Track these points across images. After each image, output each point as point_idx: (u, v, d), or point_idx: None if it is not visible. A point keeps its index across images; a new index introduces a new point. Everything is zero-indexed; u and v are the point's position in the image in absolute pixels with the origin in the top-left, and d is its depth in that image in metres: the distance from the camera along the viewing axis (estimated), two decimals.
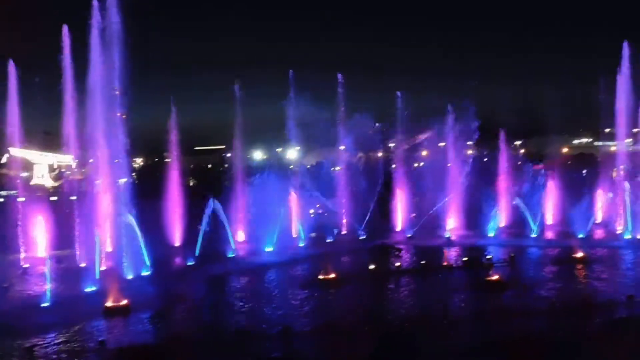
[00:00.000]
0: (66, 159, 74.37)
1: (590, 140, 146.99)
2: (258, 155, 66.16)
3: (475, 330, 31.26)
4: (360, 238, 61.64)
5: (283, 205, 58.79)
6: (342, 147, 71.85)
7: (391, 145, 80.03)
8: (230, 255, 52.70)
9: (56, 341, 31.33)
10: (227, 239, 53.87)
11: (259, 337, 31.03)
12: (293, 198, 61.33)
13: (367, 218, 63.77)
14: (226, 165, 60.70)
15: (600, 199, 64.07)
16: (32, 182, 72.47)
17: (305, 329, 32.59)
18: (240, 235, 59.44)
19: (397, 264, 48.99)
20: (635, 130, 67.76)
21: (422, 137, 77.63)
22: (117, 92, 50.66)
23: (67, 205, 53.38)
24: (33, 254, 49.88)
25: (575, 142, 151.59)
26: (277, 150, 61.51)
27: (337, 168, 69.70)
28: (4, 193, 63.33)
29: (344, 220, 65.50)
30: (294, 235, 60.59)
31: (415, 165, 79.34)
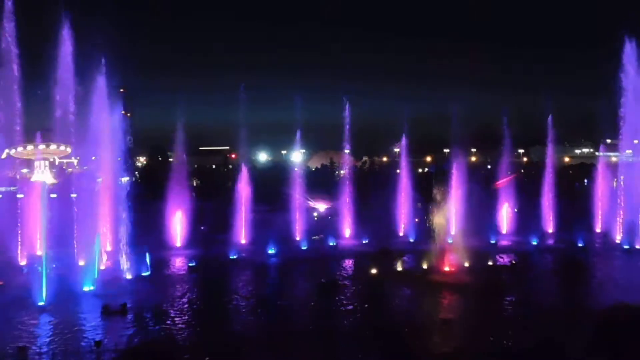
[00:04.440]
0: (65, 152, 73.96)
1: (592, 150, 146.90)
2: (262, 157, 65.46)
3: None
4: (364, 242, 60.85)
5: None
6: (346, 151, 71.32)
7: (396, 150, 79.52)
8: (233, 257, 51.80)
9: (50, 341, 30.47)
10: (230, 240, 53.06)
11: None
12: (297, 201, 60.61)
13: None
14: (230, 166, 59.96)
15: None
16: (33, 179, 71.59)
17: None
18: (244, 237, 58.75)
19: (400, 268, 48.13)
20: (636, 141, 67.84)
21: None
22: (122, 91, 50.17)
23: (66, 203, 52.52)
24: (31, 251, 49.00)
25: (577, 151, 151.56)
26: (282, 152, 60.76)
27: (342, 172, 69.06)
28: (2, 189, 62.48)
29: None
30: (297, 238, 59.82)
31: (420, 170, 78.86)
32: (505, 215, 66.58)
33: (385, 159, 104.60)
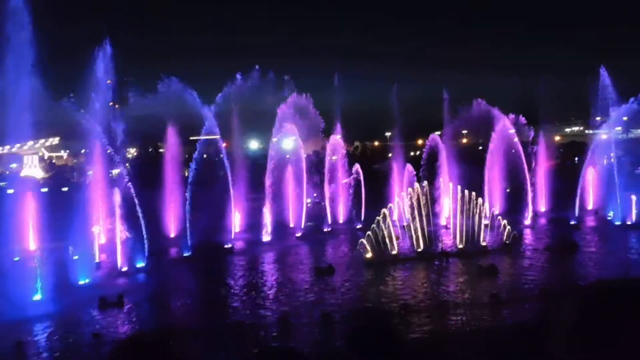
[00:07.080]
0: (53, 143, 73.37)
1: (582, 128, 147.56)
2: (254, 145, 65.20)
3: None
4: (357, 227, 61.00)
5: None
6: (338, 137, 71.22)
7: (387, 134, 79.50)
8: (227, 246, 51.81)
9: (48, 335, 30.47)
10: (224, 229, 53.04)
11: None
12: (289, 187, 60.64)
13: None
14: (221, 155, 59.83)
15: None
16: (22, 174, 71.13)
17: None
18: (237, 226, 58.76)
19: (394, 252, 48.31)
20: (625, 118, 68.56)
21: None
22: (109, 82, 49.80)
23: (58, 197, 52.30)
24: (24, 246, 48.76)
25: (567, 130, 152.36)
26: (273, 140, 60.56)
27: (334, 158, 69.10)
28: None
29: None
30: (291, 225, 59.93)
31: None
32: (497, 195, 66.83)
33: (376, 143, 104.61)
